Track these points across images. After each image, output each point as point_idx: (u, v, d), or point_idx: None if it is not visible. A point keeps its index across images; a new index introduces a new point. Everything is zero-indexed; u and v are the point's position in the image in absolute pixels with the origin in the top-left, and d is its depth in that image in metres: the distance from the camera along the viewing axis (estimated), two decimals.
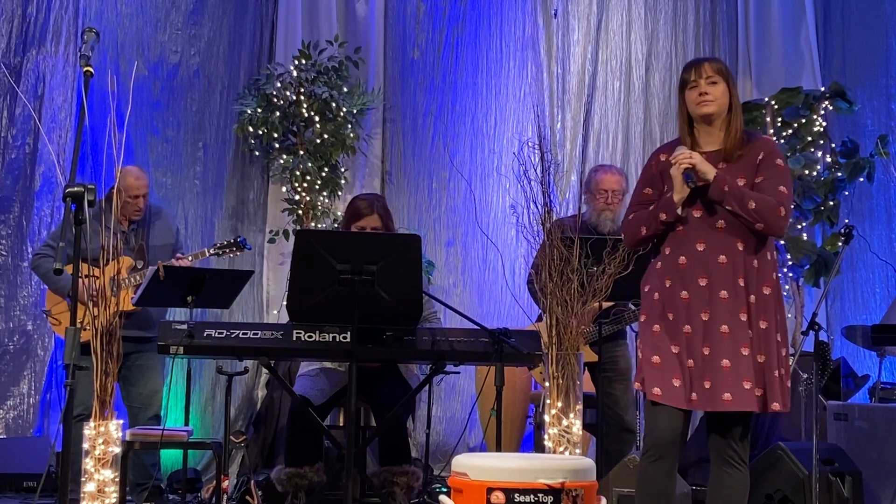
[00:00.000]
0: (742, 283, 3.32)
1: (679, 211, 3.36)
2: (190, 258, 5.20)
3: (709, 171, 3.32)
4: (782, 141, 6.97)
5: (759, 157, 3.41)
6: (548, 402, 4.00)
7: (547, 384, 5.12)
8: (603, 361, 4.84)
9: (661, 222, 3.40)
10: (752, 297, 3.33)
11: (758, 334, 3.32)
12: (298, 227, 6.54)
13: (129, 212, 5.26)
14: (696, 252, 3.35)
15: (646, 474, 3.42)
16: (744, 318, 3.30)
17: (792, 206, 3.48)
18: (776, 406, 3.31)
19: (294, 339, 3.94)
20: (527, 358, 4.07)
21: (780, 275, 3.55)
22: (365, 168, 7.06)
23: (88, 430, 3.81)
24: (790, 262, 6.87)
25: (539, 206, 4.16)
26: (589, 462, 3.17)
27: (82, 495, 3.80)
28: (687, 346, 3.32)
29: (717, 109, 3.41)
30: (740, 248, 3.34)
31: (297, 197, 6.68)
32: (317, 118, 6.68)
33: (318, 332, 3.94)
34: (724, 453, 3.39)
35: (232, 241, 5.34)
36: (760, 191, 3.35)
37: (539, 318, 5.14)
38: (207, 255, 5.26)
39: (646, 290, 3.49)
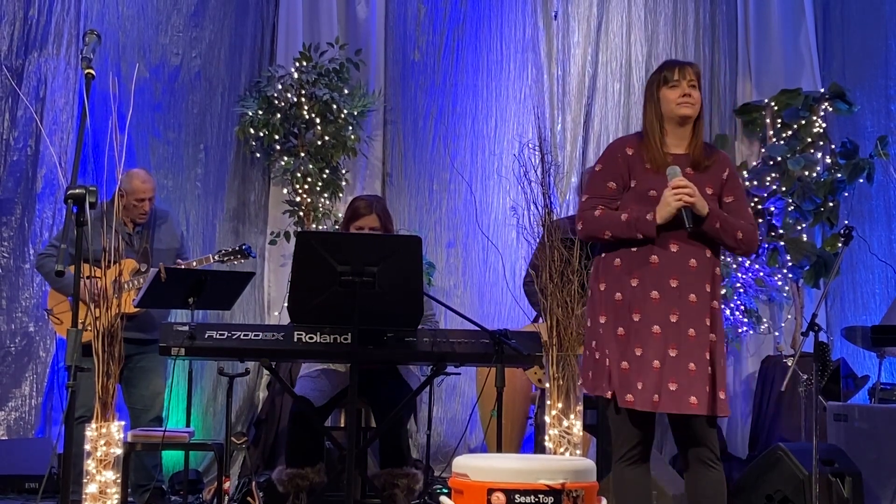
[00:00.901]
0: (708, 289, 3.35)
1: (656, 234, 3.33)
2: (194, 264, 5.21)
3: (703, 207, 3.32)
4: (782, 142, 6.99)
5: (726, 174, 3.46)
6: (547, 402, 4.01)
7: (540, 385, 5.14)
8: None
9: (634, 237, 3.36)
10: (714, 303, 3.37)
11: (720, 340, 3.37)
12: (299, 229, 6.54)
13: (134, 215, 5.27)
14: (670, 253, 3.34)
15: (623, 479, 3.43)
16: (707, 322, 3.33)
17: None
18: (722, 413, 3.32)
19: (295, 340, 3.95)
20: (527, 359, 4.08)
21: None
22: (366, 170, 7.07)
23: (90, 431, 3.83)
24: (790, 263, 6.88)
25: (539, 208, 4.18)
26: (589, 463, 3.18)
27: (84, 497, 3.81)
28: (654, 346, 3.29)
29: (694, 114, 3.42)
30: (708, 256, 3.38)
31: (298, 199, 6.69)
32: (318, 120, 6.69)
33: (318, 333, 3.95)
34: (700, 455, 3.38)
35: (237, 248, 5.35)
36: (733, 211, 3.43)
37: (535, 320, 5.16)
38: (212, 261, 5.27)
39: (601, 288, 3.43)
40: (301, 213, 6.68)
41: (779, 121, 7.06)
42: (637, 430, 3.38)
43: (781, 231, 6.90)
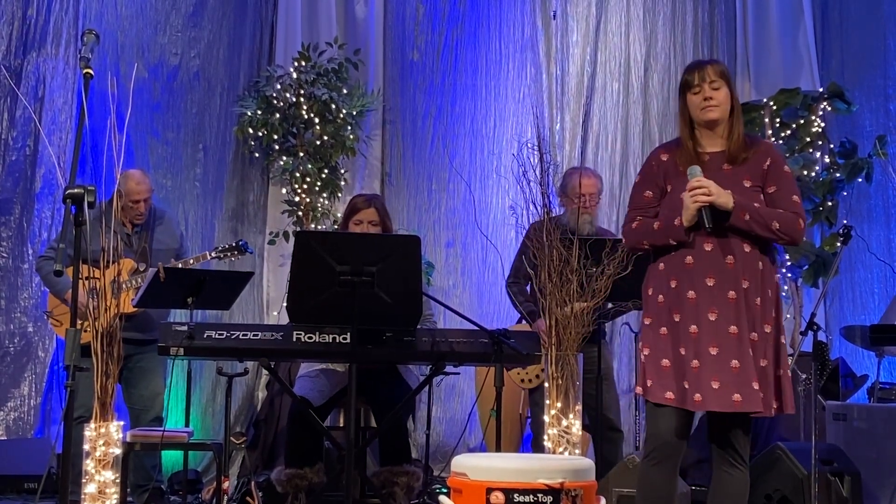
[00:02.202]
0: (748, 285, 3.31)
1: (687, 237, 3.33)
2: (191, 261, 5.21)
3: (728, 201, 3.28)
4: (781, 142, 6.99)
5: (767, 164, 3.40)
6: (546, 402, 4.01)
7: (523, 386, 5.15)
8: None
9: (668, 243, 3.37)
10: (758, 300, 3.33)
11: (762, 337, 3.32)
12: (298, 229, 6.55)
13: (131, 215, 5.27)
14: (704, 252, 3.33)
15: (647, 477, 3.41)
16: (750, 319, 3.31)
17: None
18: (777, 406, 3.31)
19: (294, 340, 3.95)
20: (526, 358, 4.08)
21: (779, 276, 3.55)
22: (365, 169, 7.07)
23: (89, 431, 3.82)
24: (789, 263, 6.88)
25: (538, 208, 4.18)
26: (588, 462, 3.17)
27: (83, 497, 3.80)
28: (694, 346, 3.29)
29: (721, 115, 3.40)
30: (747, 250, 3.33)
31: (296, 198, 6.70)
32: (316, 120, 6.69)
33: (318, 333, 3.95)
34: (726, 454, 3.39)
35: (234, 244, 5.35)
36: (775, 202, 3.37)
37: (518, 322, 5.16)
38: (209, 258, 5.27)
39: (649, 293, 3.46)
40: (300, 213, 6.68)
41: (777, 120, 7.06)
42: (666, 429, 3.35)
43: None
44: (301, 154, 6.70)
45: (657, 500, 3.39)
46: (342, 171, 6.85)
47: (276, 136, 6.72)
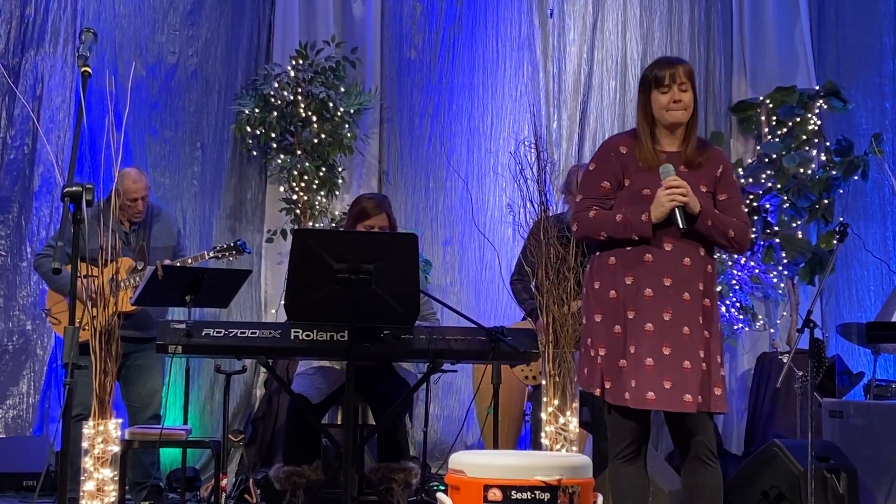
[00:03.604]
0: (701, 288, 3.35)
1: (652, 234, 3.34)
2: (189, 261, 5.22)
3: (696, 206, 3.32)
4: (777, 139, 7.01)
5: (720, 171, 3.45)
6: (543, 399, 4.03)
7: (528, 383, 5.16)
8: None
9: (630, 238, 3.37)
10: (707, 301, 3.37)
11: (715, 335, 3.37)
12: (296, 227, 6.56)
13: (129, 214, 5.28)
14: (664, 252, 3.35)
15: (619, 476, 3.44)
16: (700, 321, 3.33)
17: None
18: (725, 407, 3.35)
19: (292, 337, 3.96)
20: (523, 356, 4.09)
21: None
22: (362, 168, 7.08)
23: (87, 429, 3.84)
24: (785, 260, 6.90)
25: (535, 206, 4.19)
26: (585, 459, 3.19)
27: (81, 494, 3.82)
28: (648, 344, 3.30)
29: (686, 118, 3.41)
30: (701, 254, 3.38)
31: (294, 196, 6.70)
32: (314, 118, 6.69)
33: (315, 330, 3.96)
34: (696, 452, 3.38)
35: (232, 244, 5.36)
36: (726, 209, 3.43)
37: (524, 318, 5.17)
38: (207, 258, 5.28)
39: (595, 286, 3.44)
40: (298, 211, 6.69)
41: (774, 118, 7.08)
42: (632, 427, 3.39)
43: (777, 228, 6.92)
44: (299, 152, 6.70)
45: (634, 496, 3.42)
46: (340, 170, 6.85)
47: (273, 135, 6.73)
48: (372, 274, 3.69)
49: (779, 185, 6.89)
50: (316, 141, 6.71)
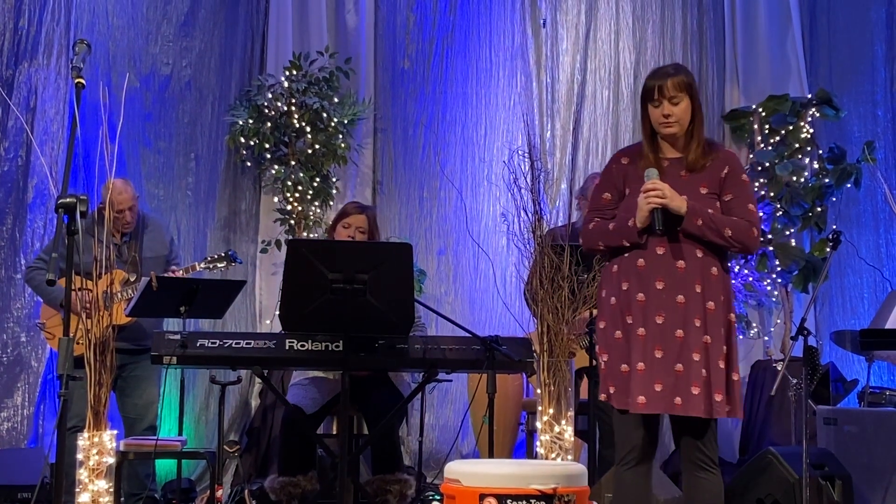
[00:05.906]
0: (699, 290, 3.35)
1: (640, 238, 3.36)
2: (181, 272, 5.22)
3: (681, 206, 3.32)
4: (770, 148, 7.03)
5: (725, 172, 3.44)
6: (538, 408, 4.03)
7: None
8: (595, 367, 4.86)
9: (622, 245, 3.41)
10: (712, 304, 3.36)
11: (717, 339, 3.35)
12: (290, 237, 6.56)
13: (118, 225, 5.27)
14: (656, 255, 3.36)
15: (623, 481, 3.45)
16: (698, 324, 3.33)
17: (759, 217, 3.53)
18: (729, 409, 3.33)
19: (287, 348, 3.96)
20: (518, 365, 4.10)
21: (733, 281, 3.58)
22: (356, 178, 7.09)
23: (82, 440, 3.83)
24: (779, 268, 6.92)
25: (529, 215, 4.20)
26: (581, 468, 3.20)
27: None
28: (641, 348, 3.32)
29: (679, 130, 3.42)
30: (699, 256, 3.37)
31: (288, 207, 6.71)
32: (308, 128, 6.70)
33: (310, 341, 3.96)
34: (694, 458, 3.39)
35: (222, 254, 5.36)
36: (730, 209, 3.41)
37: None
38: (198, 268, 5.28)
39: (602, 295, 3.49)
40: (292, 222, 6.69)
41: (766, 126, 7.10)
42: (637, 433, 3.40)
43: (770, 236, 6.94)
44: (293, 163, 6.71)
45: (634, 500, 3.42)
46: (334, 180, 6.86)
47: (267, 145, 6.73)
48: (366, 284, 3.70)
49: (772, 194, 6.91)
50: (310, 151, 6.71)
